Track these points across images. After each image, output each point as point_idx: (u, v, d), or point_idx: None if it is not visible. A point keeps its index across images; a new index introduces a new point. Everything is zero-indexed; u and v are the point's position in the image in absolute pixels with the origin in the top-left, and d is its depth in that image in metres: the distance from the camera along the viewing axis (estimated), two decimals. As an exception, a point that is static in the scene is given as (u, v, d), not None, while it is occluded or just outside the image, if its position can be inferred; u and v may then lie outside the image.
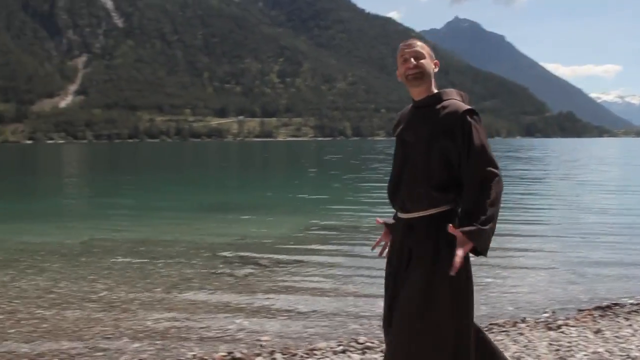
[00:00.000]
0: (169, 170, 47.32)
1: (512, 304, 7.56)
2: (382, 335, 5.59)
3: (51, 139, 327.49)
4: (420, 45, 3.42)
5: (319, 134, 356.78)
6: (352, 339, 6.10)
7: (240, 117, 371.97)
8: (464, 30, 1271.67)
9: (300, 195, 23.34)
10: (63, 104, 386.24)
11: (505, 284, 8.64)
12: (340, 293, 8.26)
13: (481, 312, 6.97)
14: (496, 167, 3.22)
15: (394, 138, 3.58)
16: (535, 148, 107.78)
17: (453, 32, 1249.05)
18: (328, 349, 5.77)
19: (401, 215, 3.46)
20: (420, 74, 3.38)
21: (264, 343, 6.09)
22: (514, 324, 6.54)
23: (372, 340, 5.97)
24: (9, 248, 11.96)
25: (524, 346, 5.64)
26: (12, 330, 6.68)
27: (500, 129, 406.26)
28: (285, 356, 5.60)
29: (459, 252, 3.09)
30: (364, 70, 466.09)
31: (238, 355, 5.66)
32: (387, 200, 3.55)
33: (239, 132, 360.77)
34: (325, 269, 9.80)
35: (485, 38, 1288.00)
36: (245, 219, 16.36)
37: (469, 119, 3.25)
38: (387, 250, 3.61)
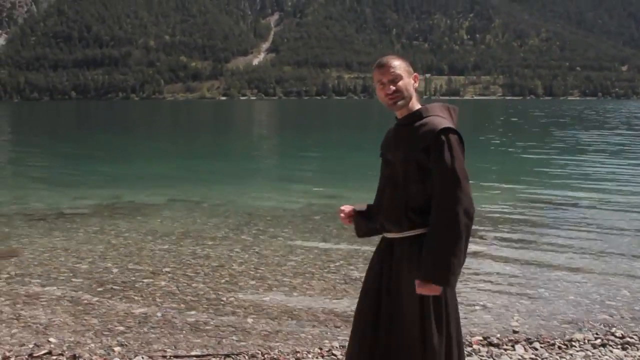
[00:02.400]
0: (364, 129, 47.98)
1: None
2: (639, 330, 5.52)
3: (244, 95, 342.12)
4: (396, 67, 3.31)
5: (508, 93, 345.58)
6: (608, 331, 6.03)
7: (427, 75, 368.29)
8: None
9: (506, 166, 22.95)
10: (256, 61, 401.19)
11: None
12: (582, 277, 8.11)
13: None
14: (459, 191, 3.10)
15: (589, 98, 3.38)
16: None
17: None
18: (586, 341, 5.73)
19: (384, 234, 3.43)
20: (400, 98, 3.31)
21: (517, 329, 6.14)
22: None
23: (631, 336, 5.86)
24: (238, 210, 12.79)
25: None
26: (266, 299, 7.18)
27: None
28: (542, 345, 5.63)
29: (421, 291, 3.15)
30: (559, 26, 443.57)
31: (495, 341, 5.76)
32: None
33: (426, 89, 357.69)
34: (562, 248, 9.62)
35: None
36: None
37: (442, 137, 3.15)
38: (347, 220, 3.59)
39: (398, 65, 3.32)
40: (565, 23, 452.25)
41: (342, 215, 3.61)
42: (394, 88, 3.29)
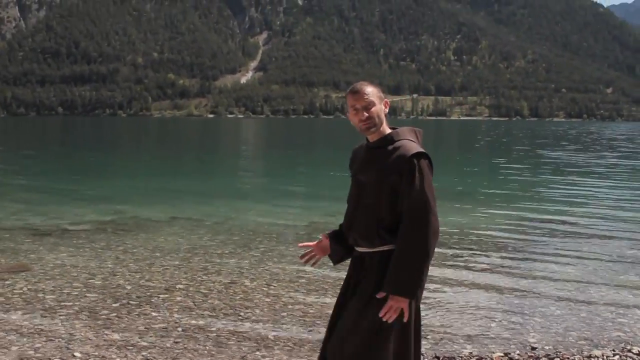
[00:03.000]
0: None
1: None
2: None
3: (232, 113, 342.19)
4: (369, 93, 3.49)
5: (495, 114, 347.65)
6: (624, 347, 6.13)
7: (415, 95, 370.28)
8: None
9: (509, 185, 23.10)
10: (244, 79, 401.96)
11: None
12: (592, 293, 8.24)
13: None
14: (428, 212, 3.31)
15: (574, 120, 3.57)
16: None
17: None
18: (605, 357, 5.83)
19: (356, 248, 3.60)
20: (373, 124, 3.49)
21: (535, 345, 6.23)
22: None
23: (649, 353, 5.96)
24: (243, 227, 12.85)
25: None
26: (284, 314, 7.25)
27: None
28: (562, 363, 5.72)
29: (391, 304, 3.32)
30: (545, 48, 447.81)
31: (515, 357, 5.85)
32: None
33: (413, 109, 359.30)
34: (564, 267, 9.74)
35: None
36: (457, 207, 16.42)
37: (415, 161, 3.36)
38: (312, 261, 3.79)
39: (371, 92, 3.50)
40: (552, 45, 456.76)
41: (310, 251, 3.80)
42: (367, 115, 3.47)
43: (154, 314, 7.20)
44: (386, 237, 3.41)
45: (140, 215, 14.61)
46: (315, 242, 3.81)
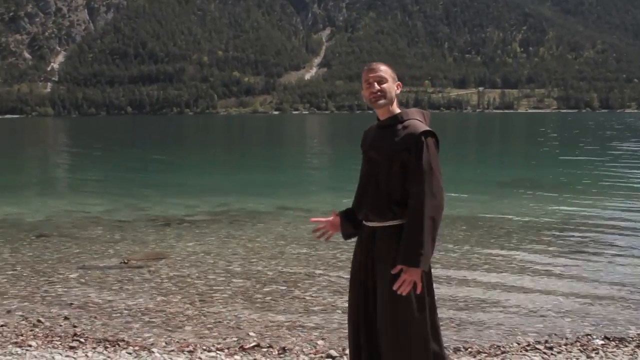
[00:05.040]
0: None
1: None
2: None
3: (296, 109, 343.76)
4: (383, 70, 3.69)
5: (563, 106, 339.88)
6: None
7: (480, 88, 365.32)
8: None
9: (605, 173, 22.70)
10: (307, 76, 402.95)
11: None
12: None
13: None
14: (434, 186, 3.47)
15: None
16: None
17: None
18: None
19: (366, 223, 3.74)
20: (383, 97, 3.66)
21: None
22: None
23: None
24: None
25: None
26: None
27: None
28: None
29: (404, 277, 3.44)
30: (615, 37, 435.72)
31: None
32: None
33: (479, 103, 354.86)
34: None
35: None
36: (554, 196, 16.24)
37: (422, 138, 3.52)
38: (325, 237, 3.94)
39: (385, 69, 3.72)
40: (622, 34, 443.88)
41: (322, 227, 3.93)
42: (378, 87, 3.66)
43: (307, 297, 7.36)
44: (397, 211, 3.58)
45: (246, 207, 14.87)
46: (327, 218, 3.97)
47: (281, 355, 5.51)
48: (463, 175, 21.29)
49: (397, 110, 3.72)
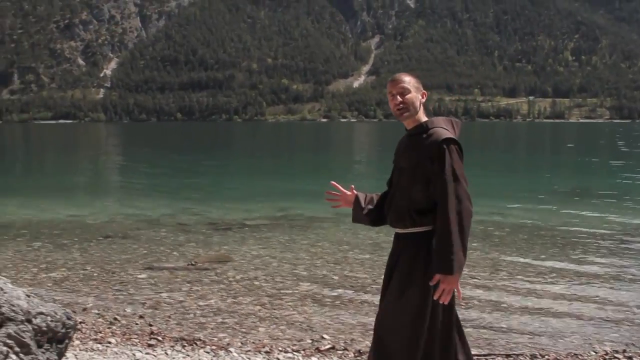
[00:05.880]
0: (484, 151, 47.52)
1: None
2: None
3: (344, 117, 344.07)
4: (406, 81, 3.70)
5: (616, 116, 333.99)
6: None
7: (531, 97, 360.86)
8: None
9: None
10: (356, 84, 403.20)
11: None
12: None
13: None
14: (459, 193, 3.48)
15: None
16: None
17: None
18: None
19: (392, 228, 3.81)
20: (406, 109, 3.68)
21: None
22: None
23: None
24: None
25: None
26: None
27: None
28: None
29: (443, 286, 3.45)
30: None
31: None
32: None
33: (529, 112, 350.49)
34: None
35: None
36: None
37: (444, 146, 3.54)
38: (334, 204, 4.12)
39: (408, 80, 3.73)
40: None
41: (337, 195, 4.09)
42: (400, 100, 3.69)
43: (376, 302, 7.34)
44: (417, 220, 3.62)
45: (305, 212, 14.93)
46: (344, 191, 4.07)
47: (357, 358, 5.54)
48: (525, 185, 21.06)
49: (424, 119, 3.76)
